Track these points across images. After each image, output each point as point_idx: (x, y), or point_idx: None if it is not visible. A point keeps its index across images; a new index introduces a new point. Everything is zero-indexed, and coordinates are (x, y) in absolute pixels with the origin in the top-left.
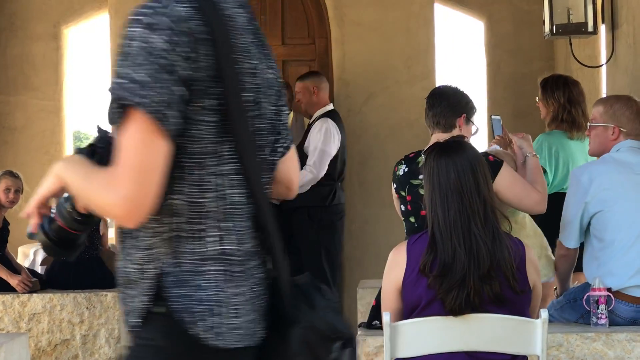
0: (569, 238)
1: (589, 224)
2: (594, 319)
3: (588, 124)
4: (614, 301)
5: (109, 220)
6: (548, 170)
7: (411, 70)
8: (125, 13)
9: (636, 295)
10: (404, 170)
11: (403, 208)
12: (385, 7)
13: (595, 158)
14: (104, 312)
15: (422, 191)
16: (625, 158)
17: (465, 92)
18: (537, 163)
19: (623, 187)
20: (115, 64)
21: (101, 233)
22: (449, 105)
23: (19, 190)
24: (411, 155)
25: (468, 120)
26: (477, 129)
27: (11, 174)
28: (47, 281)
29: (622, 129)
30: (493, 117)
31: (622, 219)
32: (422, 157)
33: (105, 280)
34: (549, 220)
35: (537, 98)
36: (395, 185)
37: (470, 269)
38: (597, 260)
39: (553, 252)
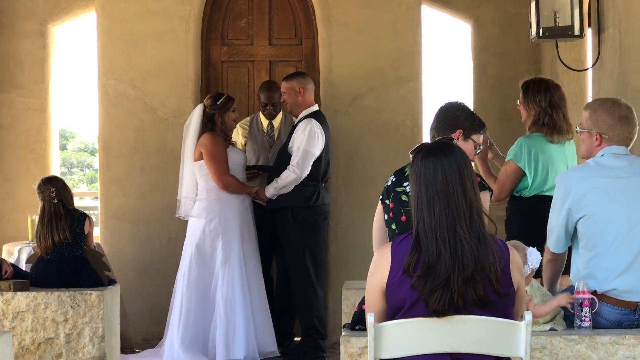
0: (556, 244)
1: (575, 228)
2: (578, 322)
3: (577, 128)
4: (597, 304)
5: (93, 218)
6: (527, 173)
7: (398, 72)
8: (112, 11)
9: (621, 298)
10: (392, 180)
11: (386, 217)
12: (372, 8)
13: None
14: (88, 310)
15: (404, 197)
16: (608, 162)
17: (467, 108)
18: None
19: (606, 191)
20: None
21: (86, 232)
22: (445, 119)
23: None
24: (400, 168)
25: (466, 137)
26: (481, 148)
27: None
28: (30, 279)
29: (603, 136)
30: None
31: (606, 222)
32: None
33: (89, 279)
34: (530, 222)
35: (518, 101)
36: (381, 196)
37: (454, 271)
38: (583, 263)
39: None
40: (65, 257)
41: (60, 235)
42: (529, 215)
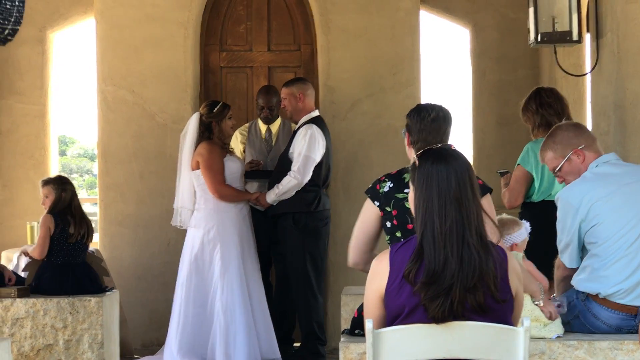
0: (572, 259)
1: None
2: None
3: (555, 174)
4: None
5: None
6: (535, 177)
7: (396, 77)
8: (110, 18)
9: (622, 302)
10: (389, 186)
11: (389, 224)
12: (371, 14)
13: None
14: (87, 317)
15: (407, 204)
16: (608, 171)
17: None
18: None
19: (611, 199)
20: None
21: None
22: (444, 126)
23: None
24: (394, 173)
25: None
26: None
27: None
28: (36, 287)
29: (580, 147)
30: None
31: (612, 229)
32: (410, 167)
33: (95, 284)
34: (540, 228)
35: (525, 121)
36: (378, 203)
37: (458, 278)
38: (588, 267)
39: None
40: (76, 262)
41: (85, 235)
42: (539, 221)
